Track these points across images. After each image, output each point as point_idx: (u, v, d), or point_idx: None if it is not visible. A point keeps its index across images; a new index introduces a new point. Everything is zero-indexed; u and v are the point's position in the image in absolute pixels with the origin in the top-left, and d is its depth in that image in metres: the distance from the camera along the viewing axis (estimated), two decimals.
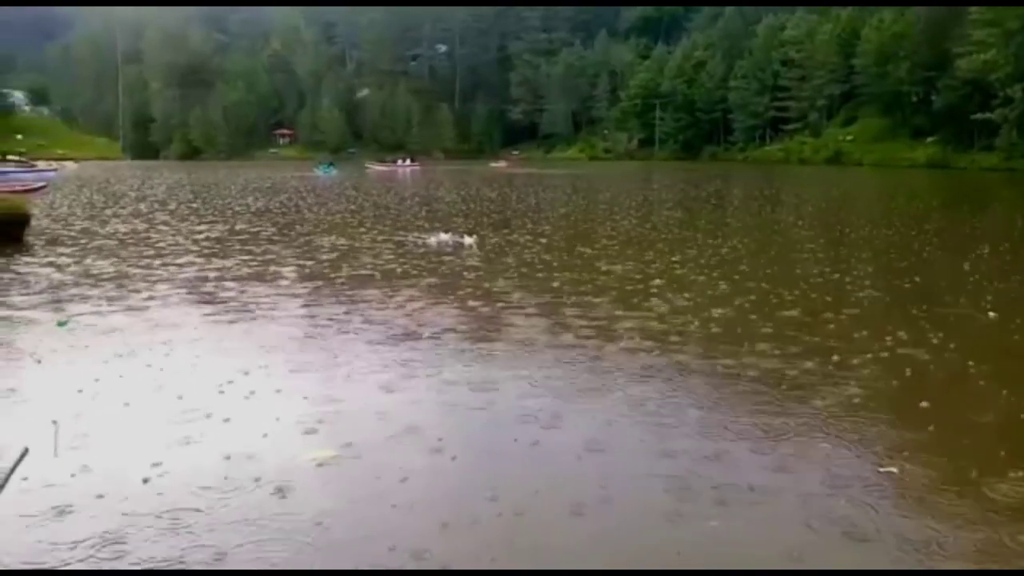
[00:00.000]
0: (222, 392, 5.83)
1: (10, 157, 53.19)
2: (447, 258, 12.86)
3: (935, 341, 7.33)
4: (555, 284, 10.47)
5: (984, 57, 55.73)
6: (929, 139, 65.71)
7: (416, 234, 16.01)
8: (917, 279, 11.10)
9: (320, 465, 4.56)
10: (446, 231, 15.21)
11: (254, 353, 6.99)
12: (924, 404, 5.53)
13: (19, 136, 78.21)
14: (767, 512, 4.02)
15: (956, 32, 59.88)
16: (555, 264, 12.30)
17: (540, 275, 11.19)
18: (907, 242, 15.45)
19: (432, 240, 14.67)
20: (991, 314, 8.49)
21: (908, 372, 6.36)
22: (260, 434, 4.98)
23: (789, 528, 3.87)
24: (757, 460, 4.63)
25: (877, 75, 71.82)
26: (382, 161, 73.35)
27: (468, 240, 14.28)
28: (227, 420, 5.24)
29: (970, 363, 6.66)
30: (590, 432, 5.07)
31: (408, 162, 70.47)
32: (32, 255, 13.40)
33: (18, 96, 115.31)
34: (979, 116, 56.73)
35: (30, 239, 15.22)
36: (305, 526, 3.84)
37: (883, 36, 70.62)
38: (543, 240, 15.57)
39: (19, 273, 11.42)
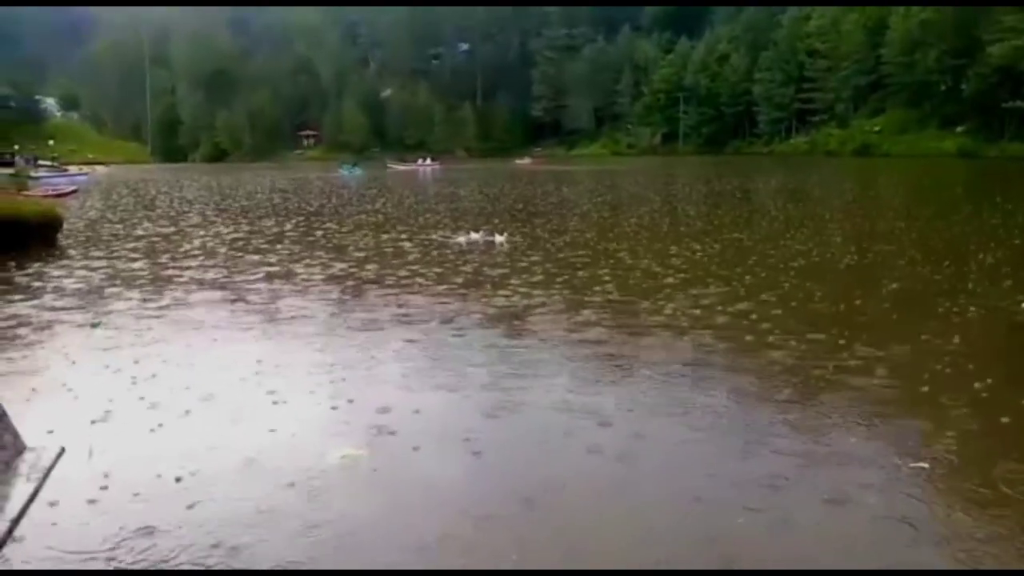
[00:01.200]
0: (251, 392, 5.90)
1: (42, 162, 54.25)
2: (474, 256, 12.89)
3: (966, 334, 7.22)
4: (581, 280, 10.46)
5: (1016, 43, 54.63)
6: (958, 128, 64.58)
7: (442, 233, 16.06)
8: (947, 271, 10.94)
9: (348, 464, 4.60)
10: (476, 230, 15.21)
11: (282, 353, 7.08)
12: (955, 399, 5.45)
13: (51, 141, 79.59)
14: (794, 508, 3.99)
15: (986, 18, 58.73)
16: (581, 260, 12.27)
17: (566, 271, 11.18)
18: (936, 233, 15.23)
19: (462, 239, 14.68)
20: (1023, 305, 8.35)
21: (938, 366, 6.27)
22: (289, 433, 5.05)
23: (816, 524, 3.85)
24: (783, 456, 4.60)
25: (905, 64, 70.66)
26: (403, 161, 73.68)
27: (499, 238, 14.26)
28: (256, 419, 5.30)
29: (1002, 356, 6.56)
30: (616, 428, 5.07)
31: (429, 161, 70.74)
32: (65, 257, 13.65)
33: (50, 102, 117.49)
34: (1010, 104, 55.62)
35: (63, 242, 15.51)
36: (333, 524, 3.88)
37: (911, 24, 69.42)
38: (568, 236, 15.56)
39: (53, 275, 11.64)
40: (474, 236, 14.67)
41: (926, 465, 4.42)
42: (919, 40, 68.28)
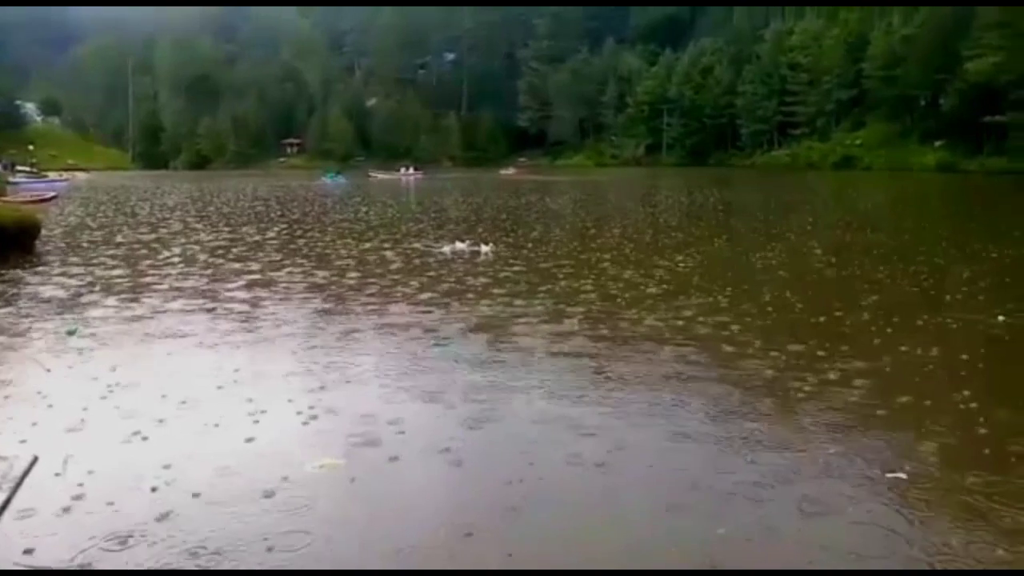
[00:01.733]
0: (228, 401, 5.84)
1: (20, 168, 53.67)
2: (457, 266, 12.86)
3: (944, 346, 7.29)
4: (564, 290, 10.47)
5: (993, 60, 55.47)
6: (937, 143, 65.37)
7: (425, 242, 16.03)
8: (926, 284, 11.05)
9: (325, 473, 4.56)
10: (461, 240, 15.20)
11: (261, 361, 7.02)
12: (933, 410, 5.50)
13: (31, 147, 78.74)
14: (775, 517, 4.00)
15: (965, 35, 59.60)
16: (564, 270, 12.29)
17: (549, 281, 11.18)
18: (915, 246, 15.37)
19: (446, 248, 14.65)
20: (1000, 317, 8.44)
21: (917, 378, 6.33)
22: (267, 442, 5.00)
23: (796, 532, 3.86)
24: (764, 466, 4.61)
25: (885, 79, 71.51)
26: (385, 170, 73.50)
27: (484, 248, 14.26)
28: (234, 428, 5.25)
29: (979, 368, 6.63)
30: (598, 438, 5.06)
31: (412, 170, 70.63)
32: (42, 264, 13.49)
33: (30, 107, 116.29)
34: (989, 119, 56.41)
35: (41, 248, 15.32)
36: (311, 533, 3.84)
37: (892, 39, 70.34)
38: (551, 246, 15.57)
39: (29, 282, 11.50)
40: (459, 246, 14.65)
41: (904, 475, 4.44)
42: (900, 55, 69.11)
